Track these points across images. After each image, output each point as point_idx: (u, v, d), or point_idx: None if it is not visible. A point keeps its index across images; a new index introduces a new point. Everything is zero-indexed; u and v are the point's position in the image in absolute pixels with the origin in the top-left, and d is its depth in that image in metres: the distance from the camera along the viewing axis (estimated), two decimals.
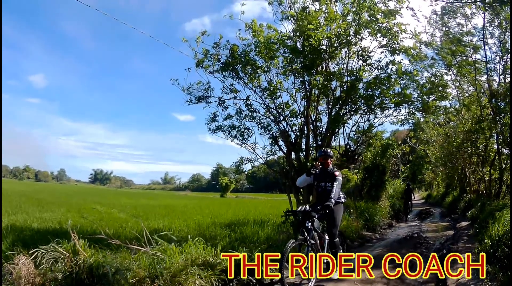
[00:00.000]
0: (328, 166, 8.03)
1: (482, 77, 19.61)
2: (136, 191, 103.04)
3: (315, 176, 8.09)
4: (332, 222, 7.83)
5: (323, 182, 8.00)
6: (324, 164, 8.01)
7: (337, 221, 7.91)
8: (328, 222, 7.91)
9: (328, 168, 8.03)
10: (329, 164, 8.06)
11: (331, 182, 7.77)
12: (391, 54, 12.54)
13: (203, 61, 12.48)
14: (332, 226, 7.85)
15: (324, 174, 8.02)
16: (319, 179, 8.08)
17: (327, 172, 8.00)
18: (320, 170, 8.06)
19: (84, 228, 11.61)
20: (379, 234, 15.85)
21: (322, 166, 8.03)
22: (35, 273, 5.70)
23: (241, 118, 12.98)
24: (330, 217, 7.78)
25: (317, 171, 8.06)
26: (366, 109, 12.82)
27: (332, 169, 7.99)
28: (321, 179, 8.05)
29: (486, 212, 13.28)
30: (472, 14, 18.16)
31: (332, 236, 7.86)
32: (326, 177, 7.96)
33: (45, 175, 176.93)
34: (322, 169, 8.05)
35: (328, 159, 8.03)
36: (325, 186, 7.92)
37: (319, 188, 8.07)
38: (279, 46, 12.13)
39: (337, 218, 7.90)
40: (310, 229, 7.20)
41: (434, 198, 41.41)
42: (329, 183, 7.83)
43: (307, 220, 7.24)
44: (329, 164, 8.04)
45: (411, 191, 21.38)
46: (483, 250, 7.92)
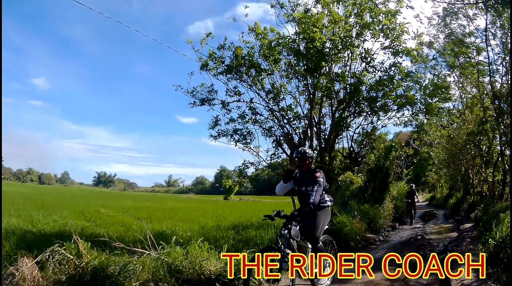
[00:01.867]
0: (307, 167, 7.22)
1: (485, 79, 19.58)
2: (139, 194, 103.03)
3: (295, 180, 7.33)
4: (313, 228, 6.98)
5: (304, 186, 7.20)
6: (301, 166, 7.21)
7: (318, 226, 7.06)
8: (309, 228, 7.01)
9: (308, 169, 7.23)
10: (309, 166, 7.24)
11: (312, 185, 6.95)
12: (394, 56, 12.55)
13: (208, 64, 12.51)
14: (313, 231, 6.98)
15: (304, 177, 7.22)
16: (299, 183, 7.30)
17: (307, 175, 7.19)
18: (300, 173, 7.31)
19: (88, 231, 11.63)
20: (382, 236, 15.82)
21: (300, 169, 7.26)
22: (38, 275, 5.72)
23: (244, 122, 12.98)
24: (311, 222, 7.00)
25: (297, 175, 7.33)
26: (370, 111, 12.83)
27: (312, 171, 7.16)
28: (301, 182, 7.26)
29: (490, 214, 13.26)
30: (474, 15, 18.16)
31: (314, 242, 7.03)
32: (307, 180, 7.14)
33: (48, 177, 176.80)
34: (301, 172, 7.30)
35: (306, 160, 7.20)
36: (306, 190, 7.09)
37: (300, 193, 7.29)
38: (282, 49, 12.15)
39: (319, 223, 7.08)
40: (286, 237, 6.31)
41: (438, 200, 41.34)
42: (310, 187, 6.99)
43: (283, 227, 6.42)
44: (308, 165, 7.22)
45: (414, 193, 21.15)
46: (487, 252, 7.91)
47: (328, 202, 7.36)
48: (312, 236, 6.99)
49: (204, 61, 12.58)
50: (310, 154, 7.23)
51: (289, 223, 6.42)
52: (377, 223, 17.04)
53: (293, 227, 6.48)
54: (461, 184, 31.23)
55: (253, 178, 26.60)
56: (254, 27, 12.42)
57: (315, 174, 6.99)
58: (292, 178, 7.27)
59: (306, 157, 7.18)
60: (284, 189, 7.40)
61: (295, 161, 7.35)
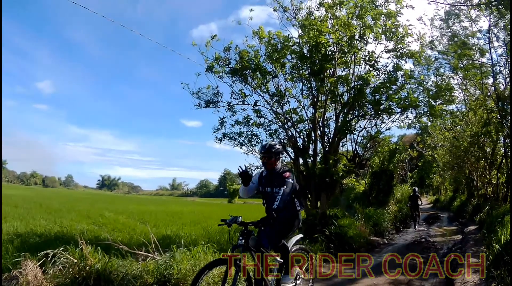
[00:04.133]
0: (273, 165, 6.11)
1: (488, 80, 19.57)
2: (144, 197, 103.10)
3: (259, 180, 6.28)
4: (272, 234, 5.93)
5: (269, 187, 6.12)
6: (267, 164, 6.11)
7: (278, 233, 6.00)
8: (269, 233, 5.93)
9: (275, 168, 6.13)
10: (276, 163, 6.13)
11: (279, 186, 5.82)
12: (398, 59, 12.56)
13: (214, 66, 12.53)
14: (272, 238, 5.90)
15: (271, 176, 6.16)
16: (264, 183, 6.23)
17: (274, 174, 6.12)
18: (266, 171, 6.24)
19: (92, 234, 11.66)
20: (387, 239, 15.82)
21: (265, 166, 6.17)
22: (42, 278, 5.73)
23: (249, 124, 12.99)
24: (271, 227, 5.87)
25: (263, 174, 6.29)
26: (373, 114, 12.82)
27: (280, 170, 6.12)
28: (267, 183, 6.19)
29: (493, 216, 13.25)
30: (477, 17, 18.15)
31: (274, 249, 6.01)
32: (273, 180, 6.07)
33: (52, 180, 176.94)
34: (267, 170, 6.20)
35: (272, 157, 6.08)
36: (272, 192, 5.99)
37: (265, 194, 6.18)
38: (286, 52, 12.17)
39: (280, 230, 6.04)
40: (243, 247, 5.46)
41: (442, 203, 41.24)
42: (277, 188, 5.86)
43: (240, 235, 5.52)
44: (275, 163, 6.11)
45: (418, 197, 20.92)
46: (491, 255, 7.91)
47: (297, 206, 6.25)
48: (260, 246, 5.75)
49: (210, 63, 12.59)
50: (278, 149, 6.13)
51: (247, 231, 5.53)
52: (381, 226, 17.03)
53: (253, 236, 5.63)
54: (465, 186, 31.20)
55: None
56: (258, 31, 12.44)
57: (283, 174, 5.95)
58: (249, 179, 6.10)
59: (272, 153, 6.07)
60: (248, 191, 6.25)
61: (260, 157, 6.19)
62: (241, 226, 5.57)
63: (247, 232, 5.52)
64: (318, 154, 13.06)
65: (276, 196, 5.71)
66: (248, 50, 12.41)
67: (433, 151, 32.88)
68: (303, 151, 12.76)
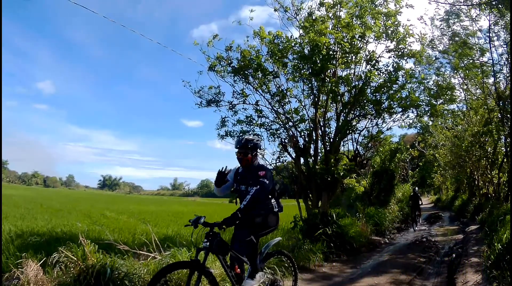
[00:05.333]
0: (249, 162, 5.68)
1: (489, 80, 19.57)
2: (145, 197, 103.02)
3: (235, 177, 5.87)
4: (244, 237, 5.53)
5: (244, 185, 5.71)
6: (242, 160, 5.67)
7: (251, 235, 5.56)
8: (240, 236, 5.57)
9: (251, 165, 5.71)
10: (252, 160, 5.70)
11: (253, 185, 5.42)
12: (399, 59, 12.56)
13: (216, 65, 12.51)
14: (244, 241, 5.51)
15: (246, 173, 5.74)
16: (239, 181, 5.82)
17: (249, 171, 5.69)
18: (242, 168, 5.82)
19: (93, 234, 11.65)
20: (388, 238, 15.83)
21: (240, 163, 5.74)
22: (43, 278, 5.73)
23: (251, 124, 12.97)
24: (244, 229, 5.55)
25: (239, 170, 5.87)
26: (375, 113, 12.81)
27: (256, 166, 5.70)
28: (242, 180, 5.78)
29: (494, 216, 13.25)
30: (477, 16, 18.16)
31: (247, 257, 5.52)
32: (248, 178, 5.65)
33: (53, 180, 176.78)
34: (243, 167, 5.78)
35: (248, 153, 5.64)
36: (246, 191, 5.54)
37: (240, 192, 5.78)
38: (287, 52, 12.16)
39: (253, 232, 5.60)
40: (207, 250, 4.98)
41: (443, 202, 41.28)
42: (251, 187, 5.44)
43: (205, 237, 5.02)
44: (250, 159, 5.66)
45: (418, 197, 20.86)
46: (493, 254, 7.90)
47: (274, 208, 5.81)
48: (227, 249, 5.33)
49: (212, 62, 12.56)
50: (254, 145, 5.69)
51: (212, 233, 5.03)
52: (382, 225, 17.04)
53: (219, 239, 5.12)
54: (466, 186, 31.26)
55: None
56: (259, 31, 12.43)
57: (258, 172, 5.50)
58: (224, 181, 5.77)
59: (248, 148, 5.63)
60: (221, 190, 5.88)
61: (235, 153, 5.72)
62: (205, 227, 5.07)
63: (213, 234, 5.03)
64: (319, 154, 13.05)
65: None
66: (249, 50, 12.40)
67: (434, 151, 32.88)
68: (304, 151, 12.75)
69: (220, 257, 5.19)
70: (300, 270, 8.82)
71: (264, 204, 5.70)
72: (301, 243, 10.21)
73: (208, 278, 4.94)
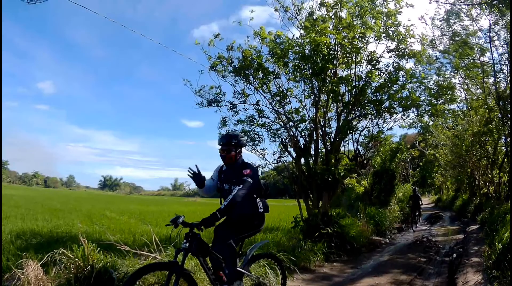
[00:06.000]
0: (233, 160, 5.39)
1: (490, 79, 19.57)
2: (145, 197, 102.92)
3: (219, 176, 5.57)
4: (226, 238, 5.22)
5: (227, 184, 5.39)
6: (226, 158, 5.39)
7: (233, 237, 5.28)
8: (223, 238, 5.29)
9: (234, 162, 5.42)
10: (236, 157, 5.41)
11: (238, 183, 5.08)
12: (400, 59, 12.55)
13: (217, 65, 12.49)
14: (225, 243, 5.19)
15: (230, 171, 5.45)
16: (223, 180, 5.51)
17: (233, 169, 5.40)
18: (226, 166, 5.53)
19: (94, 234, 11.65)
20: (388, 238, 15.84)
21: (223, 161, 5.46)
22: (43, 278, 5.74)
23: (252, 124, 12.96)
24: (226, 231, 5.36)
25: (223, 168, 5.58)
26: (375, 113, 12.80)
27: (240, 164, 5.42)
28: (226, 179, 5.47)
29: (495, 215, 13.25)
30: (477, 16, 18.17)
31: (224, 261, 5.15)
32: (233, 176, 5.32)
33: (54, 181, 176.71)
34: (227, 165, 5.51)
35: (232, 149, 5.34)
36: (230, 190, 5.17)
37: (223, 192, 5.42)
38: (288, 51, 12.15)
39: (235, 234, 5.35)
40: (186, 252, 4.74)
41: (444, 202, 41.32)
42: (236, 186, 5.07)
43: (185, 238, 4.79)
44: (233, 156, 5.37)
45: (418, 197, 20.80)
46: (493, 254, 7.89)
47: (259, 208, 5.55)
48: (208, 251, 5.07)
49: (213, 61, 12.53)
50: (239, 141, 5.41)
51: (192, 234, 4.79)
52: (383, 225, 17.04)
53: (199, 239, 4.87)
54: (467, 185, 31.23)
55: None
56: (259, 32, 12.41)
57: (243, 171, 5.20)
58: (203, 180, 5.35)
59: (232, 145, 5.33)
60: (205, 190, 5.54)
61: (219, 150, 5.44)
62: (184, 227, 4.81)
63: (192, 234, 4.78)
64: (320, 154, 13.05)
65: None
66: (250, 50, 12.38)
67: (434, 150, 32.88)
68: (304, 151, 12.74)
69: (201, 258, 4.98)
70: (301, 271, 8.84)
71: (248, 204, 5.45)
72: (301, 243, 10.21)
73: (187, 280, 4.80)
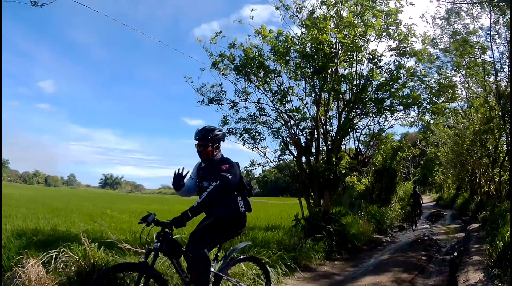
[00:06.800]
0: (210, 155, 4.96)
1: (491, 78, 19.55)
2: (146, 196, 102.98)
3: (197, 173, 5.15)
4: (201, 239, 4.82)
5: (206, 181, 4.95)
6: (202, 153, 4.95)
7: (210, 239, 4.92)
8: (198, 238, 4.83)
9: (212, 158, 4.99)
10: (213, 152, 4.98)
11: (216, 180, 4.66)
12: (401, 57, 12.54)
13: (219, 62, 12.48)
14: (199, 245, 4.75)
15: (209, 168, 5.02)
16: (201, 177, 5.08)
17: (212, 165, 4.97)
18: (204, 162, 5.10)
19: (95, 233, 11.65)
20: (390, 237, 15.85)
21: (200, 156, 4.99)
22: (45, 276, 5.73)
23: (253, 122, 12.94)
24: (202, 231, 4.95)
25: (201, 165, 5.14)
26: (376, 111, 12.80)
27: (219, 160, 5.00)
28: (204, 176, 5.04)
29: (496, 214, 13.24)
30: (478, 14, 18.15)
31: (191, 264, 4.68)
32: (211, 173, 4.89)
33: (55, 180, 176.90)
34: (204, 162, 5.09)
35: (209, 145, 4.91)
36: (208, 187, 4.68)
37: (201, 190, 4.99)
38: (289, 51, 12.14)
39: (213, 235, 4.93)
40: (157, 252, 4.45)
41: (445, 200, 41.30)
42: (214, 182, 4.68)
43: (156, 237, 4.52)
44: (212, 152, 4.95)
45: (419, 196, 20.77)
46: (494, 252, 7.89)
47: (240, 207, 5.06)
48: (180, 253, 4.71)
49: (215, 59, 12.51)
50: (216, 136, 4.99)
51: (163, 233, 4.50)
52: (384, 224, 17.05)
53: (170, 239, 4.56)
54: (468, 184, 31.22)
55: (260, 179, 26.40)
56: (260, 30, 12.40)
57: (221, 167, 4.80)
58: (180, 185, 5.04)
59: (208, 140, 4.91)
60: (184, 193, 5.23)
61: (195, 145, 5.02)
62: (156, 225, 4.53)
63: (164, 233, 4.49)
64: (321, 152, 13.05)
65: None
66: (252, 48, 12.37)
67: (435, 149, 32.87)
68: (306, 149, 12.73)
69: (174, 260, 4.63)
70: (302, 269, 8.84)
71: (228, 203, 4.99)
72: (302, 242, 10.20)
73: (158, 282, 4.50)
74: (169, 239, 4.50)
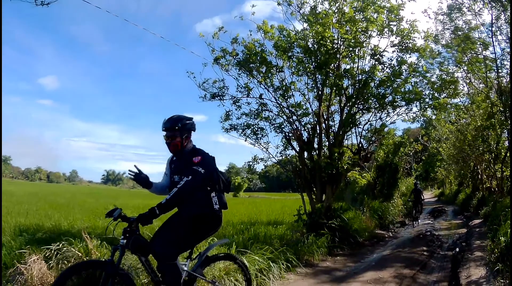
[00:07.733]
0: (179, 147, 4.63)
1: (492, 74, 19.51)
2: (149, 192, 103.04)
3: (170, 167, 4.88)
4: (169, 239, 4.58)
5: (178, 175, 4.65)
6: (170, 145, 4.64)
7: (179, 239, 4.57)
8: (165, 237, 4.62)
9: (184, 150, 4.67)
10: (183, 144, 4.63)
11: (187, 174, 4.40)
12: (403, 53, 12.52)
13: (221, 58, 12.47)
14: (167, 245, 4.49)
15: (180, 161, 4.72)
16: (173, 171, 4.80)
17: (183, 158, 4.67)
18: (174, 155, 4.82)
19: (97, 229, 11.66)
20: (392, 232, 15.86)
21: (169, 148, 4.70)
22: (47, 273, 5.74)
23: (255, 118, 12.93)
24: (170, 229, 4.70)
25: (173, 158, 4.85)
26: (378, 107, 12.79)
27: (190, 152, 4.67)
28: (176, 170, 4.75)
29: (497, 209, 13.24)
30: (480, 10, 18.10)
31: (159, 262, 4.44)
32: (183, 167, 4.59)
33: (57, 176, 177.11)
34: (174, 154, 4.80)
35: (177, 135, 4.58)
36: (179, 182, 4.43)
37: (173, 184, 4.64)
38: (291, 46, 12.13)
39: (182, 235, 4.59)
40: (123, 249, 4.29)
41: (447, 196, 41.29)
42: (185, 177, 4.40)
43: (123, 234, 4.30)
44: (181, 143, 4.61)
45: (420, 192, 20.72)
46: (496, 248, 7.89)
47: (214, 205, 4.69)
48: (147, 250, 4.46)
49: (217, 54, 12.50)
50: (185, 125, 4.62)
51: (130, 230, 4.29)
52: (386, 219, 17.06)
53: (137, 236, 4.35)
54: (470, 180, 31.21)
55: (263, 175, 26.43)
56: (262, 25, 12.38)
57: (193, 159, 4.48)
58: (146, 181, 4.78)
59: (176, 131, 4.57)
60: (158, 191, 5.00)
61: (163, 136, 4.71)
62: (123, 221, 4.33)
63: (130, 230, 4.27)
64: (323, 147, 13.05)
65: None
66: (254, 43, 12.35)
67: (437, 145, 32.84)
68: (308, 144, 12.72)
69: (141, 257, 4.42)
70: (304, 264, 8.85)
71: (201, 200, 4.64)
72: (305, 237, 10.21)
73: (124, 280, 4.27)
74: (136, 235, 4.31)
